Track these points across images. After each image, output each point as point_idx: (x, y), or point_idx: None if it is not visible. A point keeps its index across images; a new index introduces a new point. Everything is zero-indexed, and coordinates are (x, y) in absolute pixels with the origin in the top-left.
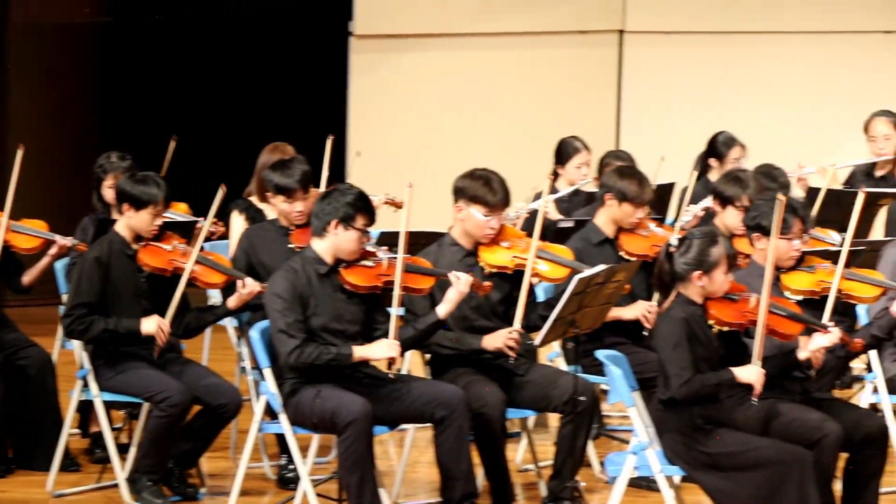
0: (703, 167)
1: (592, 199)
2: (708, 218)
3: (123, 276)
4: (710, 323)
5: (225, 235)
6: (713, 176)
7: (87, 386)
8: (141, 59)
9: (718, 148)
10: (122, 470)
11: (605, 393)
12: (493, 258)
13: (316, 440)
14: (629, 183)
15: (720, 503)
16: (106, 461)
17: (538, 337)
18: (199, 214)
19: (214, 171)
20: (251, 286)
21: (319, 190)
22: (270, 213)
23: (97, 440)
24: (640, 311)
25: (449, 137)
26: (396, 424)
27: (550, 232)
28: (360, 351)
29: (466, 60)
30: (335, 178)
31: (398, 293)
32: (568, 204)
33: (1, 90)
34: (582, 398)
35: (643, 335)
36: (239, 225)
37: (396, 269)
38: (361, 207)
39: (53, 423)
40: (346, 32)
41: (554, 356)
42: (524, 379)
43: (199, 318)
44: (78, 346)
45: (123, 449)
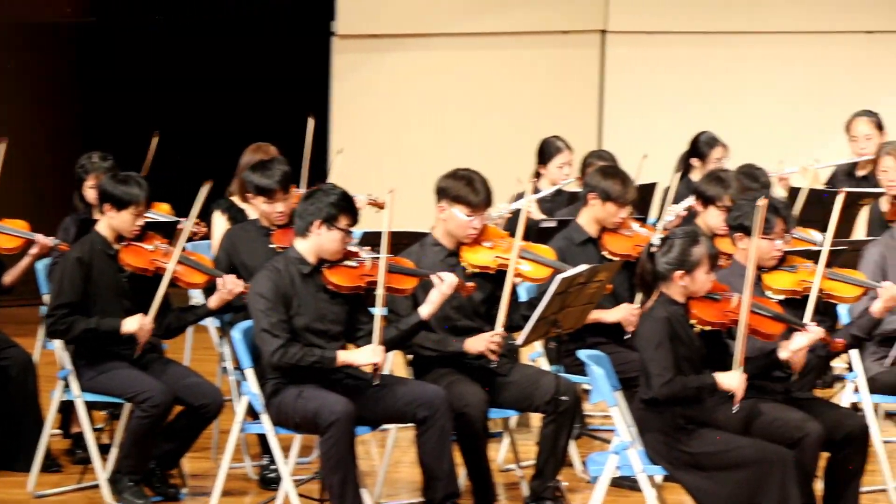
0: (685, 167)
1: (575, 198)
2: (690, 218)
3: (105, 276)
4: (692, 322)
5: (207, 235)
6: (695, 176)
7: (68, 386)
8: (123, 59)
9: (700, 148)
10: (103, 470)
11: (587, 392)
12: (475, 258)
13: (298, 440)
14: (613, 182)
15: (702, 503)
16: (87, 462)
17: (520, 337)
18: (181, 215)
19: (196, 170)
20: (231, 284)
21: (301, 190)
22: (252, 213)
23: (78, 441)
24: (622, 314)
25: (431, 137)
26: (379, 425)
27: (533, 232)
28: (344, 356)
29: (449, 60)
30: (317, 176)
31: (381, 293)
32: (550, 204)
33: None
34: (564, 398)
35: (625, 335)
36: (221, 225)
37: (379, 269)
38: (344, 207)
39: (34, 423)
40: (328, 32)
41: (536, 356)
42: (506, 379)
43: (180, 318)
44: (59, 346)
45: (105, 449)
